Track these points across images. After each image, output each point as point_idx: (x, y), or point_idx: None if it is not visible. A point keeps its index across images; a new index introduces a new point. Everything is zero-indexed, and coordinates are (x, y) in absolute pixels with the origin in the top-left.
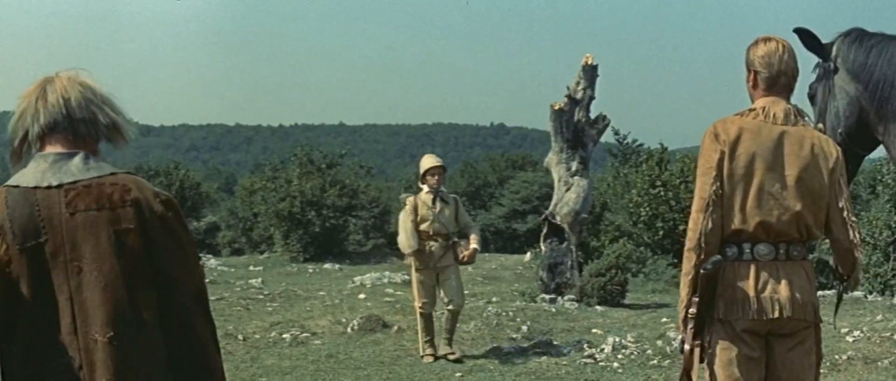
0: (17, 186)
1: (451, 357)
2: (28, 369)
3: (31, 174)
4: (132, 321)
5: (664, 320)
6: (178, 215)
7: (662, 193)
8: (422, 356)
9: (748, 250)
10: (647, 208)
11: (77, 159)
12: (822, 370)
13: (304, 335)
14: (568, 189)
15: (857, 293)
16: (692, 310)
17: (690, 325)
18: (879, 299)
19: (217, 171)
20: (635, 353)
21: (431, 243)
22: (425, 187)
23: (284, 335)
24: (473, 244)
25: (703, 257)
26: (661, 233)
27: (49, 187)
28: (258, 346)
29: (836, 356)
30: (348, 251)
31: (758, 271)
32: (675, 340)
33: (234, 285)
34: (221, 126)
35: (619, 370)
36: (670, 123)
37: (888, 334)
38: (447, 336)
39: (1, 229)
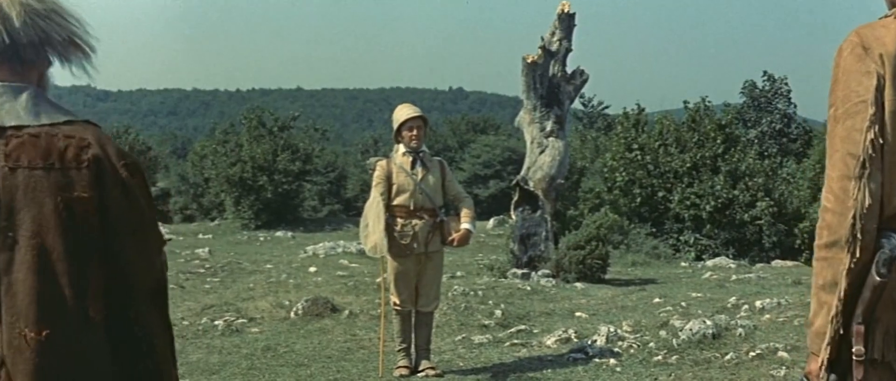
0: None
1: (430, 373)
2: None
3: None
4: (74, 317)
5: (657, 300)
6: (145, 184)
7: (639, 157)
8: (395, 368)
9: None
10: (624, 173)
11: (25, 97)
12: None
13: (240, 321)
14: (542, 151)
15: None
16: (857, 347)
17: (858, 374)
18: None
19: (173, 136)
20: (635, 346)
21: (414, 221)
22: (401, 147)
23: (217, 322)
24: (466, 223)
25: (858, 254)
26: (638, 200)
27: None
28: (185, 335)
29: None
30: (303, 218)
31: None
32: (680, 330)
33: (179, 256)
34: (179, 91)
35: (618, 369)
36: (648, 84)
37: None
38: (423, 346)
39: None
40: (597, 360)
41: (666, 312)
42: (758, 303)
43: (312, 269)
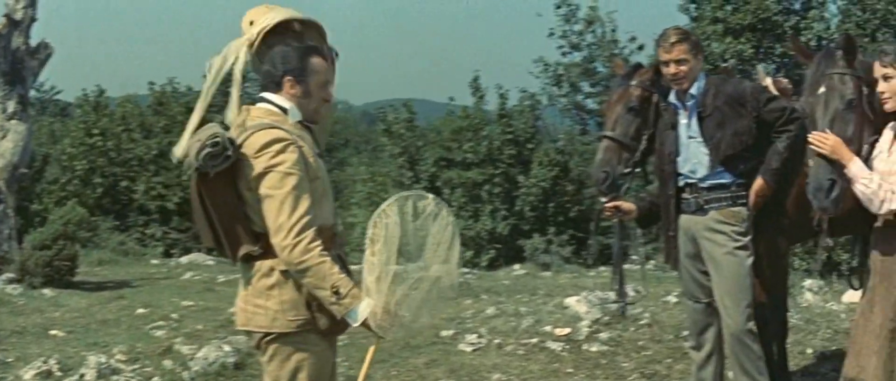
0: None
1: None
2: None
3: None
4: None
5: (141, 311)
6: None
7: (101, 142)
8: None
9: None
10: (84, 161)
11: None
12: None
13: None
14: (3, 136)
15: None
16: None
17: None
18: None
19: None
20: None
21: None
22: (285, 101)
23: None
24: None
25: None
26: (100, 190)
27: None
28: None
29: None
30: None
31: None
32: (191, 359)
33: None
34: None
35: None
36: (112, 67)
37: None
38: None
39: None
40: None
41: (160, 329)
42: None
43: None
